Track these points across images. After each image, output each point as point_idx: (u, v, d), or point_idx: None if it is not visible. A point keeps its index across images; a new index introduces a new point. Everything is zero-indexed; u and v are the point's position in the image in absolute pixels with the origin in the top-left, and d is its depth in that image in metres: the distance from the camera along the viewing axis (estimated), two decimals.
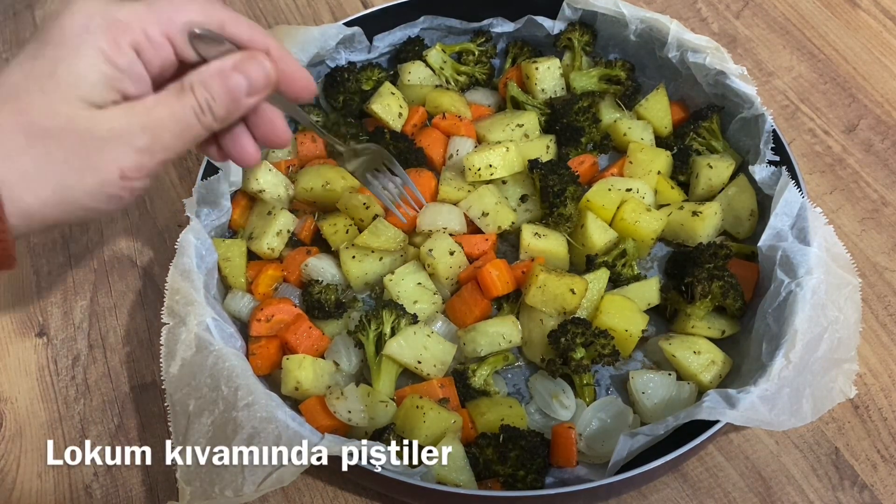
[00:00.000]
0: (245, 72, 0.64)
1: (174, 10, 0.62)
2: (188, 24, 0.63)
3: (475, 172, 1.01)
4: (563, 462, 0.85)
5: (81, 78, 0.58)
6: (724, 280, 0.90)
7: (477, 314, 0.94)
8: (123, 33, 0.60)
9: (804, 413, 0.79)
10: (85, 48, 0.58)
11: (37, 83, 0.58)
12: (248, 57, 0.65)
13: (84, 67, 0.58)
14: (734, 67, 1.03)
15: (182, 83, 0.63)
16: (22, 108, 0.57)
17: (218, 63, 0.64)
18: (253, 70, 0.65)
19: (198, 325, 0.83)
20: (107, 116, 0.60)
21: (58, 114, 0.58)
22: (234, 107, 0.66)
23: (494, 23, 1.18)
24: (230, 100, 0.65)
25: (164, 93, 0.63)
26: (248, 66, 0.64)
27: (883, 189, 1.09)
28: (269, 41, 0.67)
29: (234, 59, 0.64)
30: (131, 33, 0.60)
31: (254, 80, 0.65)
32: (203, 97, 0.64)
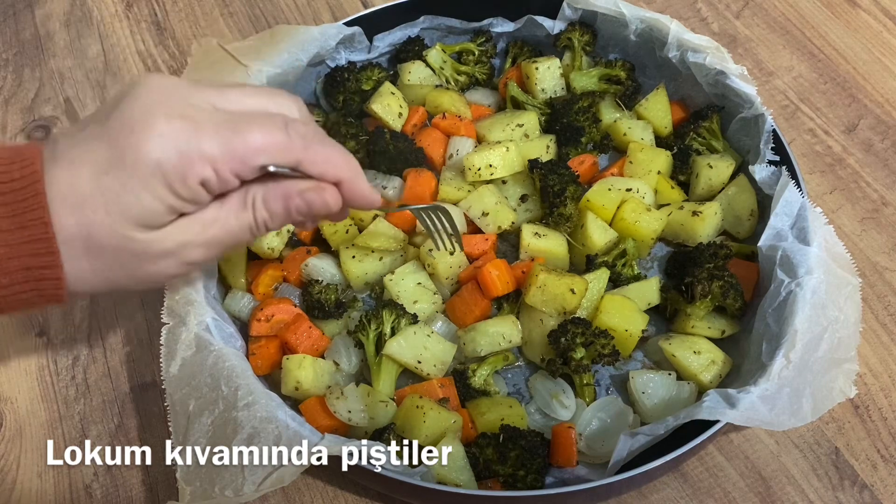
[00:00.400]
0: (309, 201, 0.66)
1: (252, 153, 0.62)
2: (264, 166, 0.63)
3: (475, 172, 1.01)
4: (564, 462, 0.85)
5: (145, 208, 0.60)
6: (724, 280, 0.90)
7: (477, 314, 0.94)
8: (193, 170, 0.60)
9: (804, 413, 0.79)
10: (154, 182, 0.60)
11: (102, 203, 0.60)
12: (316, 188, 0.66)
13: (150, 200, 0.60)
14: (734, 67, 1.03)
15: (245, 200, 0.65)
16: (86, 221, 0.60)
17: (286, 188, 0.65)
18: (317, 201, 0.66)
19: (198, 325, 0.83)
20: (162, 237, 0.63)
21: (116, 234, 0.61)
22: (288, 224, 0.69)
23: (494, 23, 1.18)
24: (286, 220, 0.68)
25: (223, 210, 0.65)
26: (312, 197, 0.66)
27: (883, 189, 1.09)
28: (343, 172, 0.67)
29: (300, 187, 0.66)
30: (203, 171, 0.60)
31: (316, 210, 0.67)
32: (262, 217, 0.66)
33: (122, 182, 0.59)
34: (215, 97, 0.63)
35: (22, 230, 0.59)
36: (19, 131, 1.19)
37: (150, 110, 0.60)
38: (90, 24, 1.32)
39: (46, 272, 0.61)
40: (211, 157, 0.60)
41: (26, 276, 0.60)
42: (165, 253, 0.64)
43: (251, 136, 0.61)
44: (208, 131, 0.60)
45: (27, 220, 0.59)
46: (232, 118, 0.62)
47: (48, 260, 0.60)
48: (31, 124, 1.20)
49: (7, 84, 1.25)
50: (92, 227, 0.60)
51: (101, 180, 0.59)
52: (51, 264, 0.60)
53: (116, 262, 0.63)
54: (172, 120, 0.60)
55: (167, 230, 0.63)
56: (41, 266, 0.60)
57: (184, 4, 1.35)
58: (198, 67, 1.06)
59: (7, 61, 1.27)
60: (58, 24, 1.32)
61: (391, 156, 1.04)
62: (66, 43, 1.30)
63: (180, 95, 0.62)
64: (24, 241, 0.59)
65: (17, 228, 0.59)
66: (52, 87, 1.24)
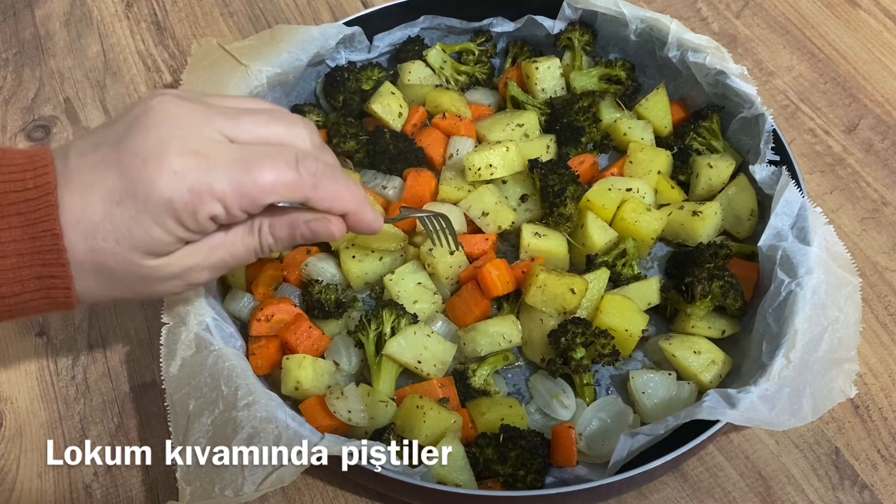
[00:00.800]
0: (314, 230, 0.69)
1: (262, 193, 0.63)
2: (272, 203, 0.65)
3: (475, 172, 1.01)
4: (564, 462, 0.85)
5: (154, 240, 0.62)
6: (724, 280, 0.90)
7: (477, 314, 0.94)
8: (204, 207, 0.62)
9: (804, 413, 0.79)
10: (165, 217, 0.61)
11: (113, 232, 0.61)
12: (322, 219, 0.68)
13: (159, 233, 0.62)
14: (734, 67, 1.03)
15: (251, 226, 0.67)
16: (97, 248, 0.62)
17: (292, 217, 0.68)
18: (322, 231, 0.69)
19: (198, 325, 0.83)
20: (169, 262, 0.65)
21: (126, 261, 0.63)
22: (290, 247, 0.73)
23: (494, 22, 1.18)
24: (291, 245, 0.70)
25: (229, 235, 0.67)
26: (318, 227, 0.69)
27: (883, 189, 1.09)
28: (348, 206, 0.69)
29: (306, 217, 0.68)
30: (212, 207, 0.62)
31: (319, 238, 0.70)
32: (267, 242, 0.69)
33: (132, 215, 0.61)
34: (228, 127, 0.64)
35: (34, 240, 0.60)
36: (19, 131, 1.19)
37: (163, 142, 0.61)
38: (90, 23, 1.32)
39: (57, 281, 0.62)
40: (221, 195, 0.62)
41: (38, 284, 0.62)
42: (172, 276, 0.66)
43: (262, 175, 0.62)
44: (220, 169, 0.61)
45: (39, 230, 0.60)
46: (243, 155, 0.63)
47: (58, 270, 0.62)
48: (30, 124, 1.20)
49: (7, 84, 1.25)
50: (103, 254, 0.62)
51: (113, 210, 0.61)
52: (61, 274, 0.62)
53: (124, 283, 0.65)
54: (185, 155, 0.61)
55: (174, 256, 0.65)
56: (52, 275, 0.62)
57: (184, 4, 1.35)
58: (197, 67, 1.06)
59: (7, 61, 1.27)
60: (58, 23, 1.32)
61: (391, 155, 1.04)
62: (65, 43, 1.30)
63: (194, 126, 0.62)
64: (35, 251, 0.61)
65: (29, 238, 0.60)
66: (52, 86, 1.24)
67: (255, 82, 1.03)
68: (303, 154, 0.65)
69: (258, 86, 1.03)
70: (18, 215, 0.60)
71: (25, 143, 1.18)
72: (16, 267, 0.60)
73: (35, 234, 0.60)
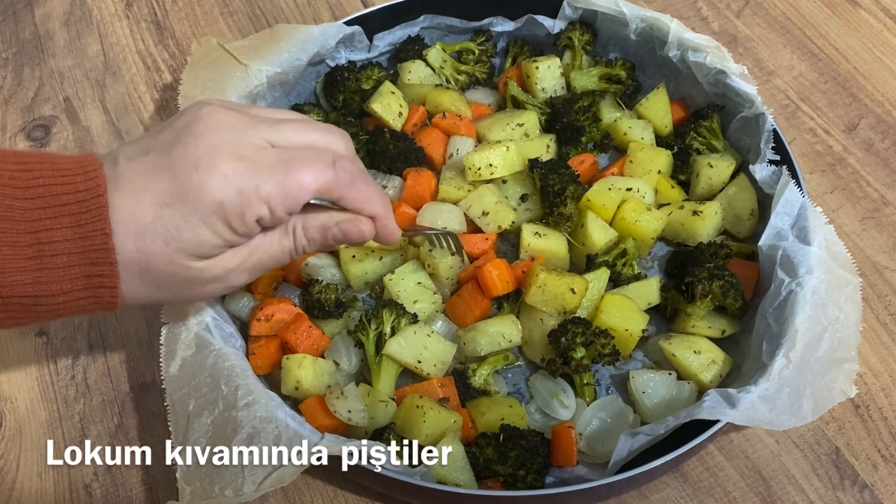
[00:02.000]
0: (345, 231, 0.73)
1: (303, 192, 0.67)
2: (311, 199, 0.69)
3: (475, 172, 1.01)
4: (564, 462, 0.85)
5: (203, 242, 0.65)
6: (724, 279, 0.90)
7: (477, 314, 0.94)
8: (251, 209, 0.65)
9: (804, 413, 0.79)
10: (214, 219, 0.64)
11: (162, 234, 0.64)
12: (353, 220, 0.73)
13: (208, 235, 0.65)
14: (735, 67, 1.03)
15: (287, 228, 0.71)
16: (145, 250, 0.64)
17: (325, 218, 0.72)
18: (353, 232, 0.73)
19: (197, 325, 0.83)
20: (213, 265, 0.68)
21: (173, 263, 0.65)
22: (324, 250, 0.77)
23: (495, 22, 1.18)
24: (323, 246, 0.74)
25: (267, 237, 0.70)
26: (349, 228, 0.73)
27: (883, 188, 1.08)
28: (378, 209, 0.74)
29: (338, 219, 0.72)
30: (259, 209, 0.65)
31: (351, 239, 0.74)
32: (301, 243, 0.72)
33: (183, 216, 0.63)
34: (271, 133, 0.69)
35: (84, 240, 0.62)
36: (19, 130, 1.19)
37: (213, 149, 0.64)
38: (90, 23, 1.32)
39: (104, 280, 0.64)
40: (267, 197, 0.65)
41: (86, 283, 0.64)
42: (215, 279, 0.69)
43: (302, 175, 0.67)
44: (265, 172, 0.65)
45: (90, 230, 0.62)
46: (285, 157, 0.67)
47: (106, 269, 0.63)
48: (30, 123, 1.20)
49: (7, 83, 1.24)
50: (151, 255, 0.64)
51: (163, 212, 0.63)
52: (108, 273, 0.64)
53: (168, 285, 0.67)
54: (234, 160, 0.64)
55: (219, 258, 0.68)
56: (100, 274, 0.64)
57: (183, 4, 1.35)
58: (197, 66, 1.06)
59: (7, 60, 1.27)
60: (57, 23, 1.32)
61: (391, 155, 1.04)
62: (65, 42, 1.30)
63: (240, 133, 0.66)
64: (85, 250, 0.63)
65: (80, 238, 0.62)
66: (52, 86, 1.24)
67: (255, 82, 1.03)
68: (339, 156, 0.70)
69: (258, 85, 1.03)
70: (70, 216, 0.62)
71: (25, 143, 1.18)
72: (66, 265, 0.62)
73: (86, 233, 0.62)
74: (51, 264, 0.62)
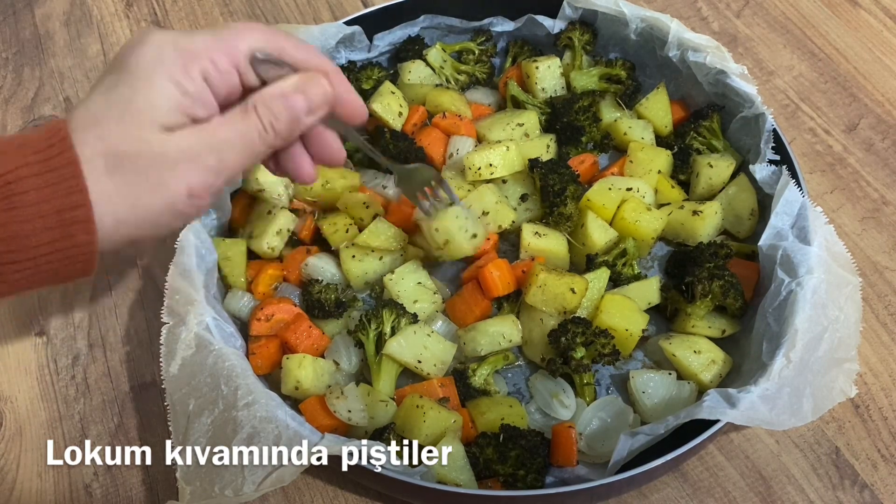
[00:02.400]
0: (305, 92, 0.69)
1: (238, 38, 0.67)
2: (251, 51, 0.68)
3: (475, 171, 1.01)
4: (564, 461, 0.85)
5: (155, 106, 0.63)
6: (724, 279, 0.90)
7: (477, 314, 0.94)
8: (193, 62, 0.65)
9: (804, 412, 0.79)
10: (158, 78, 0.64)
11: (115, 111, 0.63)
12: (308, 78, 0.70)
13: (157, 96, 0.63)
14: (735, 66, 1.03)
15: (246, 105, 0.68)
16: (102, 134, 0.62)
17: (280, 84, 0.69)
18: (312, 90, 0.70)
19: (198, 325, 0.83)
20: (177, 139, 0.65)
21: (133, 138, 0.63)
22: (295, 125, 0.71)
23: (495, 22, 1.18)
24: (291, 118, 0.70)
25: (229, 114, 0.68)
26: (307, 87, 0.70)
27: (883, 188, 1.08)
28: (326, 64, 0.72)
29: (294, 80, 0.69)
30: (200, 62, 0.65)
31: (313, 100, 0.70)
32: (266, 117, 0.69)
33: (129, 88, 0.63)
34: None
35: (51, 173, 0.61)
36: (19, 130, 1.19)
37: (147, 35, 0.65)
38: (90, 23, 1.32)
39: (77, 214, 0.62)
40: (207, 49, 0.65)
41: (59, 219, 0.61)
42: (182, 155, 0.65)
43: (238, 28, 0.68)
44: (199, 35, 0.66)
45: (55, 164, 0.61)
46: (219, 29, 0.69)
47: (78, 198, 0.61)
48: (30, 123, 1.20)
49: (7, 83, 1.24)
50: (110, 136, 0.62)
51: (111, 95, 0.63)
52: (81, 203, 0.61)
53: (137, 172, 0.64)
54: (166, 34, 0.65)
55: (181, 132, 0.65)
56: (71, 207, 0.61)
57: (184, 3, 1.35)
58: None
59: (7, 60, 1.27)
60: (57, 23, 1.32)
61: (391, 155, 1.04)
62: (65, 42, 1.30)
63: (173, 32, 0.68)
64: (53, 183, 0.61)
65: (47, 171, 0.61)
66: (52, 86, 1.24)
67: None
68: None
69: None
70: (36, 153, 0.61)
71: None
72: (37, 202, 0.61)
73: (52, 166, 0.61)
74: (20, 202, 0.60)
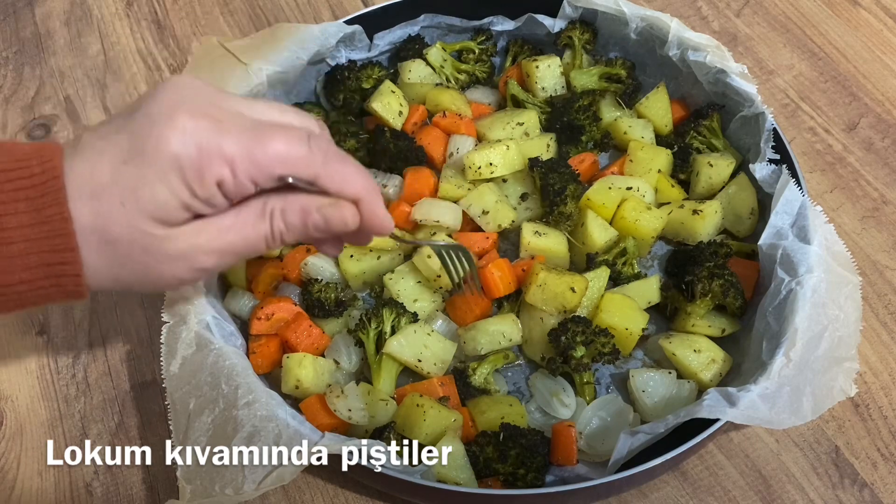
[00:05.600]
0: (326, 216, 0.66)
1: (271, 161, 0.61)
2: (282, 176, 0.63)
3: (475, 171, 1.01)
4: (564, 460, 0.85)
5: (160, 201, 0.60)
6: (724, 278, 0.90)
7: (477, 313, 0.94)
8: (212, 167, 0.60)
9: (804, 411, 0.79)
10: (171, 175, 0.59)
11: (118, 192, 0.60)
12: (334, 204, 0.66)
13: (165, 194, 0.60)
14: (735, 66, 1.03)
15: (263, 209, 0.65)
16: (101, 211, 0.60)
17: (305, 201, 0.65)
18: (334, 217, 0.66)
19: (198, 324, 0.83)
20: (176, 236, 0.62)
21: (132, 228, 0.61)
22: (304, 238, 0.68)
23: (495, 21, 1.18)
24: (303, 234, 0.67)
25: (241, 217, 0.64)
26: (330, 212, 0.66)
27: (883, 187, 1.08)
28: (361, 191, 0.67)
29: (319, 202, 0.65)
30: (220, 170, 0.60)
31: (331, 225, 0.66)
32: (279, 228, 0.66)
33: (139, 172, 0.59)
34: (242, 105, 0.64)
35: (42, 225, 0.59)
36: (20, 130, 1.19)
37: (175, 106, 0.60)
38: (90, 22, 1.32)
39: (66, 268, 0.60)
40: (230, 158, 0.60)
41: (47, 272, 0.60)
42: (178, 254, 0.63)
43: (273, 143, 0.61)
44: (231, 133, 0.60)
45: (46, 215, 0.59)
46: (256, 125, 0.62)
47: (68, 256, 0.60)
48: (31, 123, 1.20)
49: (7, 82, 1.25)
50: (108, 217, 0.60)
51: (120, 170, 0.59)
52: (70, 260, 0.60)
53: (129, 258, 0.62)
54: (196, 117, 0.60)
55: (182, 229, 0.63)
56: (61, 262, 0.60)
57: (184, 3, 1.35)
58: (198, 66, 1.06)
59: (7, 59, 1.27)
60: (58, 22, 1.32)
61: (391, 154, 1.04)
62: (66, 41, 1.30)
63: (207, 96, 0.62)
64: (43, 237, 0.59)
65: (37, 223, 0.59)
66: (53, 85, 1.24)
67: (256, 80, 1.03)
68: (315, 135, 0.65)
69: (258, 84, 1.03)
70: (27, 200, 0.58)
71: (26, 142, 1.18)
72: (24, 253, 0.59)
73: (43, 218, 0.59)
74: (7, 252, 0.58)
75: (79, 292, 0.62)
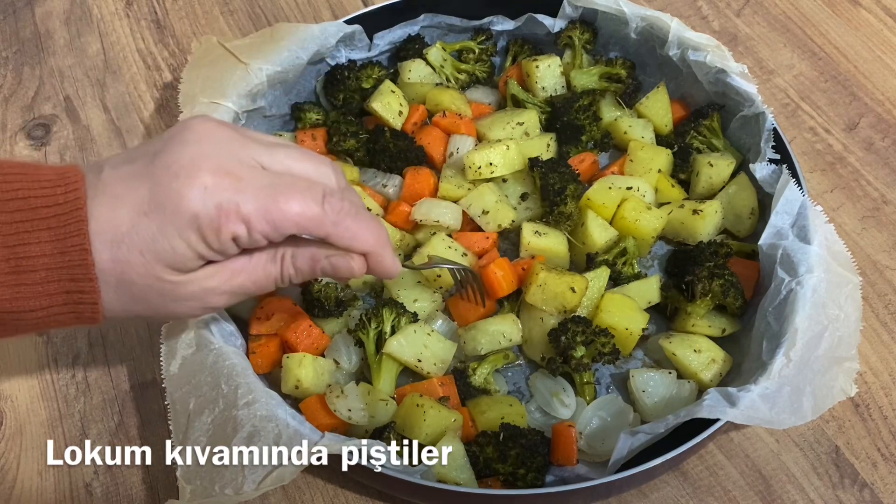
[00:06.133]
0: (335, 265, 0.70)
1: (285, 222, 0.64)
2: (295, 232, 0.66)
3: (475, 170, 1.01)
4: (564, 460, 0.85)
5: (178, 254, 0.63)
6: (724, 278, 0.90)
7: (479, 312, 0.94)
8: (228, 226, 0.63)
9: (804, 411, 0.79)
10: (189, 231, 0.62)
11: (138, 243, 0.62)
12: (343, 255, 0.70)
13: (183, 248, 0.63)
14: (735, 65, 1.03)
15: (274, 255, 0.69)
16: (121, 258, 0.62)
17: (315, 250, 0.69)
18: (343, 267, 0.70)
19: (198, 324, 0.83)
20: (190, 281, 0.66)
21: (147, 274, 0.64)
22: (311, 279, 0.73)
23: (495, 21, 1.18)
24: (310, 277, 0.71)
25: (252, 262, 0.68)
26: (339, 262, 0.70)
27: (883, 187, 1.08)
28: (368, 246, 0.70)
29: (328, 252, 0.69)
30: (236, 227, 0.63)
31: (340, 274, 0.70)
32: (288, 272, 0.70)
33: (159, 226, 0.62)
34: (263, 155, 0.66)
35: (63, 255, 0.61)
36: (19, 129, 1.19)
37: (197, 159, 0.63)
38: (90, 22, 1.32)
39: (84, 297, 0.63)
40: (246, 217, 0.63)
41: (66, 299, 0.63)
42: (191, 296, 0.67)
43: (288, 205, 0.64)
44: (250, 192, 0.63)
45: (68, 245, 0.61)
46: (274, 182, 0.65)
47: (86, 286, 0.62)
48: (30, 122, 1.20)
49: (7, 82, 1.24)
50: (126, 265, 0.63)
51: (140, 221, 0.62)
52: (89, 290, 0.62)
53: (143, 299, 0.66)
54: (218, 174, 0.62)
55: (196, 275, 0.66)
56: (80, 290, 0.62)
57: (184, 2, 1.35)
58: (197, 65, 1.06)
59: (7, 59, 1.27)
60: (57, 22, 1.32)
61: (391, 154, 1.04)
62: (65, 41, 1.30)
63: (229, 149, 0.64)
64: (65, 266, 0.61)
65: (58, 253, 0.61)
66: (52, 85, 1.24)
67: (255, 80, 1.03)
68: (330, 192, 0.67)
69: (258, 84, 1.03)
70: (49, 230, 0.60)
71: (26, 142, 1.18)
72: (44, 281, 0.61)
73: (65, 248, 0.61)
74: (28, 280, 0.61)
75: (94, 318, 0.65)
